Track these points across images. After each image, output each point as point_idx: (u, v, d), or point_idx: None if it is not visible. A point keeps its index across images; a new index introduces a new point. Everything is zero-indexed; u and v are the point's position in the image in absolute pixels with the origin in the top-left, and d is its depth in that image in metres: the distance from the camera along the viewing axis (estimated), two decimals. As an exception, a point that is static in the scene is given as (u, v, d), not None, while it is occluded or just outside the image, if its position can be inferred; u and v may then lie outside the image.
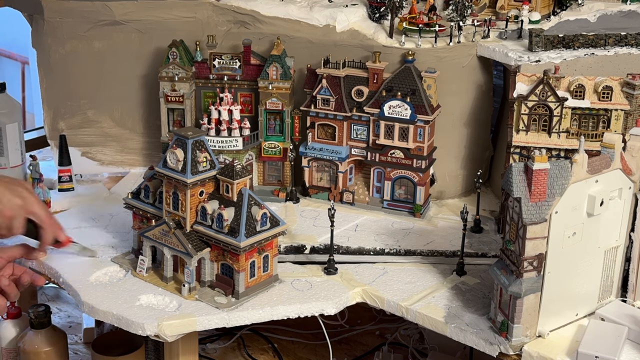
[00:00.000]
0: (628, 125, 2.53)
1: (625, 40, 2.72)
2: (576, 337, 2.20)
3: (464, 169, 2.98)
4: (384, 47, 2.83)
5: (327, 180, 2.90)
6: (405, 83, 2.75)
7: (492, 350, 2.20)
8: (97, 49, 3.03)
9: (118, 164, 3.17)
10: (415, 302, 2.37)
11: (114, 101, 3.10)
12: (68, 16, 2.98)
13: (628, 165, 2.20)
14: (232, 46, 2.99)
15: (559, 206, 2.09)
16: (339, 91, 2.81)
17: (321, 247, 2.62)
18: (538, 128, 2.58)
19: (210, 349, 3.05)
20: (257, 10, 2.96)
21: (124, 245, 2.62)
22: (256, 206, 2.36)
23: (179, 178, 2.36)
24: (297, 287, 2.44)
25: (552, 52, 2.71)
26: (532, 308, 2.14)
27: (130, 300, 2.36)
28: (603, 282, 2.28)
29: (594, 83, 2.56)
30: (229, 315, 2.31)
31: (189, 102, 2.90)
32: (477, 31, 2.87)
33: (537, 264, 2.11)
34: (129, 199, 2.54)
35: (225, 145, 2.82)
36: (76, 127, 3.11)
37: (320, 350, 3.01)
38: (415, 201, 2.80)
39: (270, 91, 2.84)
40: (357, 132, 2.84)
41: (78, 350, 3.07)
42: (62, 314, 3.29)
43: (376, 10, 2.91)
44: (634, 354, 2.14)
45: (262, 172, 2.94)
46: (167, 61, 2.86)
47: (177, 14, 2.98)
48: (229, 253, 2.34)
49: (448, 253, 2.61)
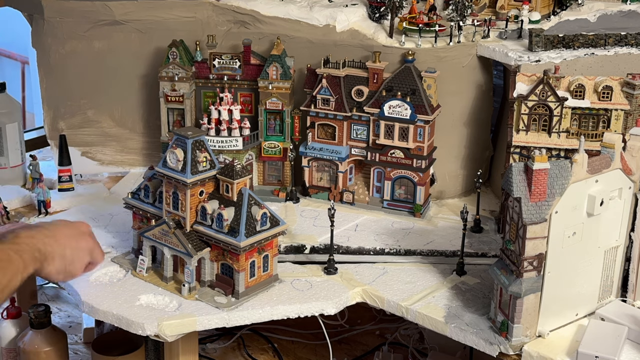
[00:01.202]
0: (628, 125, 2.53)
1: (625, 40, 2.72)
2: (576, 337, 2.20)
3: (464, 169, 2.98)
4: (384, 47, 2.83)
5: (327, 180, 2.90)
6: (405, 83, 2.75)
7: (492, 350, 2.20)
8: (97, 49, 3.03)
9: (118, 164, 3.17)
10: (415, 302, 2.37)
11: (114, 101, 3.10)
12: (68, 16, 2.98)
13: (628, 165, 2.20)
14: (232, 46, 2.99)
15: (559, 206, 2.09)
16: (339, 91, 2.81)
17: (321, 247, 2.62)
18: (538, 128, 2.58)
19: (210, 349, 3.05)
20: (257, 10, 2.96)
21: (124, 245, 2.62)
22: (256, 206, 2.36)
23: (179, 178, 2.36)
24: (297, 287, 2.44)
25: (552, 52, 2.71)
26: (532, 308, 2.14)
27: (130, 300, 2.36)
28: (603, 282, 2.28)
29: (594, 83, 2.56)
30: (229, 315, 2.31)
31: (189, 102, 2.90)
32: (477, 31, 2.87)
33: (537, 264, 2.11)
34: (129, 199, 2.54)
35: (225, 145, 2.82)
36: (76, 127, 3.11)
37: (320, 350, 3.01)
38: (415, 201, 2.80)
39: (270, 91, 2.84)
40: (357, 132, 2.84)
41: (78, 350, 3.07)
42: (62, 314, 3.29)
43: (376, 10, 2.91)
44: (634, 354, 2.14)
45: (262, 172, 2.94)
46: (167, 61, 2.86)
47: (177, 14, 2.98)
48: (229, 253, 2.34)
49: (448, 253, 2.61)
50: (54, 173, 2.99)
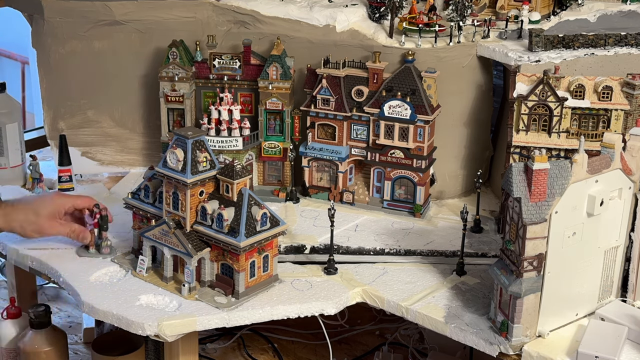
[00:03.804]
0: (628, 125, 2.53)
1: (625, 40, 2.72)
2: (576, 337, 2.20)
3: (464, 169, 2.98)
4: (384, 47, 2.83)
5: (327, 180, 2.90)
6: (405, 83, 2.75)
7: (492, 350, 2.20)
8: (97, 49, 3.03)
9: (118, 164, 3.17)
10: (415, 302, 2.37)
11: (114, 101, 3.10)
12: (68, 16, 2.98)
13: (628, 165, 2.20)
14: (232, 46, 2.99)
15: (559, 206, 2.09)
16: (339, 91, 2.81)
17: (321, 247, 2.62)
18: (538, 128, 2.58)
19: (210, 349, 3.05)
20: (257, 10, 2.96)
21: (124, 245, 2.62)
22: (256, 206, 2.36)
23: (179, 178, 2.36)
24: (297, 287, 2.44)
25: (552, 52, 2.71)
26: (532, 308, 2.14)
27: (130, 300, 2.36)
28: (603, 282, 2.28)
29: (594, 83, 2.56)
30: (229, 315, 2.31)
31: (189, 102, 2.90)
32: (477, 31, 2.86)
33: (537, 264, 2.11)
34: (129, 199, 2.54)
35: (225, 145, 2.82)
36: (76, 127, 3.11)
37: (320, 350, 3.01)
38: (415, 201, 2.80)
39: (270, 91, 2.84)
40: (357, 132, 2.84)
41: (78, 350, 3.07)
42: (62, 314, 3.29)
43: (376, 10, 2.91)
44: (634, 354, 2.14)
45: (262, 172, 2.94)
46: (167, 61, 2.86)
47: (177, 14, 2.98)
48: (229, 253, 2.34)
49: (448, 253, 2.61)
50: (54, 173, 2.99)
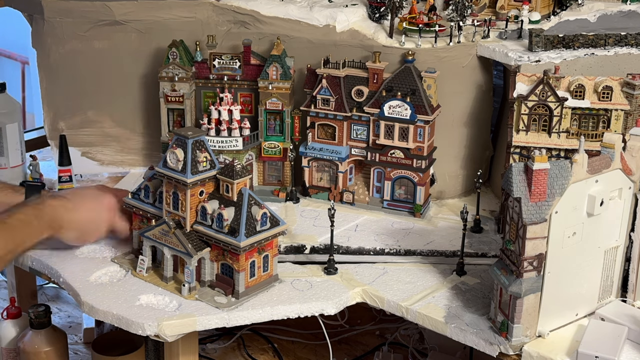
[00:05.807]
0: (628, 125, 2.53)
1: (625, 40, 2.72)
2: (576, 337, 2.20)
3: (464, 169, 2.98)
4: (384, 47, 2.83)
5: (327, 180, 2.90)
6: (405, 83, 2.75)
7: (492, 350, 2.20)
8: (97, 49, 3.03)
9: (118, 164, 3.17)
10: (415, 302, 2.37)
11: (114, 101, 3.10)
12: (68, 16, 2.98)
13: (628, 165, 2.20)
14: (232, 46, 2.99)
15: (559, 206, 2.09)
16: (339, 91, 2.81)
17: (321, 247, 2.62)
18: (538, 128, 2.58)
19: (210, 349, 3.06)
20: (257, 10, 2.96)
21: (124, 245, 2.62)
22: (256, 206, 2.36)
23: (179, 178, 2.36)
24: (297, 287, 2.44)
25: (552, 52, 2.71)
26: (532, 308, 2.14)
27: (130, 300, 2.36)
28: (603, 282, 2.28)
29: (594, 83, 2.56)
30: (229, 315, 2.31)
31: (189, 102, 2.90)
32: (477, 31, 2.86)
33: (537, 264, 2.11)
34: (129, 199, 2.53)
35: (225, 145, 2.82)
36: (76, 127, 3.11)
37: (320, 350, 3.01)
38: (415, 201, 2.80)
39: (270, 91, 2.84)
40: (357, 132, 2.84)
41: (78, 350, 3.07)
42: (62, 314, 3.29)
43: (376, 10, 2.91)
44: (634, 354, 2.14)
45: (262, 172, 2.94)
46: (167, 61, 2.86)
47: (177, 14, 2.98)
48: (229, 253, 2.34)
49: (448, 253, 2.61)
50: (54, 173, 2.98)
